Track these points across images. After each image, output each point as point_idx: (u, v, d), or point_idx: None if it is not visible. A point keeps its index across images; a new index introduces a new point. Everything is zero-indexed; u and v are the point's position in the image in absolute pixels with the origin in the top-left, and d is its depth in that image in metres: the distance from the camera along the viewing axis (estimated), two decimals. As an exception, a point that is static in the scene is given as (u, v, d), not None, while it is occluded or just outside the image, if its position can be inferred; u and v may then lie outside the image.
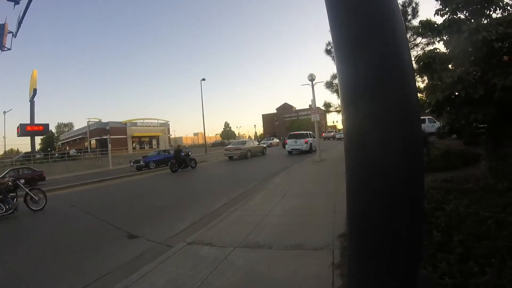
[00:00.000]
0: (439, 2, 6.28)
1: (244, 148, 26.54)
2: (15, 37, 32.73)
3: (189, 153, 21.61)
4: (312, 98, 18.79)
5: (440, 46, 6.48)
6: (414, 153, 1.37)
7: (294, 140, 27.37)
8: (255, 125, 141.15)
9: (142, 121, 63.91)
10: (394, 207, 1.34)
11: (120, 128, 58.73)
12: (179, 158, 19.85)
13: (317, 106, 19.26)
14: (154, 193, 12.50)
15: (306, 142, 26.47)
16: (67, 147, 68.48)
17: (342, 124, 1.54)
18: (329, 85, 17.99)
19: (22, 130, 38.35)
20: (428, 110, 6.17)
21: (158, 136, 65.83)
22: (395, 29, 1.37)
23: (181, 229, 6.36)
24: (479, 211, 3.98)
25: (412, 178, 1.38)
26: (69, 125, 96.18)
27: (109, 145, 33.14)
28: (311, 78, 18.49)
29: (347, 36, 1.44)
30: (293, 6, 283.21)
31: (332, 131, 47.77)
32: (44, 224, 8.33)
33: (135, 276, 4.03)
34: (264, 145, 33.16)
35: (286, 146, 28.56)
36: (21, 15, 30.31)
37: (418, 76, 11.26)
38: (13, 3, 28.06)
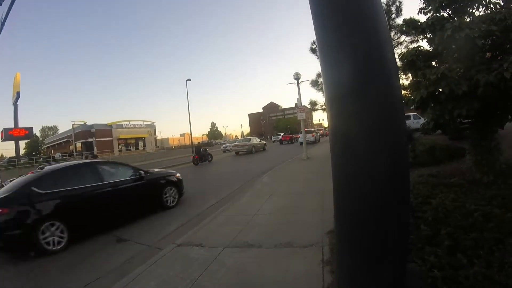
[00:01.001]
0: (423, 1, 6.34)
1: (249, 145, 31.34)
2: (-4, 40, 32.15)
3: (207, 150, 25.26)
4: (298, 96, 18.88)
5: (424, 44, 6.57)
6: (398, 149, 1.38)
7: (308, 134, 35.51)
8: (241, 125, 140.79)
9: (127, 122, 63.24)
10: (380, 202, 1.36)
11: (106, 130, 58.00)
12: (200, 153, 23.03)
13: (303, 104, 19.34)
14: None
15: (313, 136, 36.01)
16: (52, 151, 67.24)
17: (327, 122, 1.55)
18: (314, 83, 18.09)
19: (6, 135, 37.63)
20: (412, 107, 6.23)
21: (144, 137, 65.24)
22: (378, 28, 1.38)
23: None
24: (465, 204, 4.05)
25: (398, 174, 1.39)
26: (54, 129, 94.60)
27: (95, 148, 32.77)
28: (297, 76, 18.56)
29: (331, 35, 1.44)
30: (277, 6, 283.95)
31: (313, 131, 40.17)
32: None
33: (125, 280, 3.99)
34: (265, 142, 38.19)
35: (299, 139, 35.16)
36: (3, 17, 29.74)
37: (402, 73, 11.41)
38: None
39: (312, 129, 42.74)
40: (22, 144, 56.69)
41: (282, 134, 46.90)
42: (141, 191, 7.83)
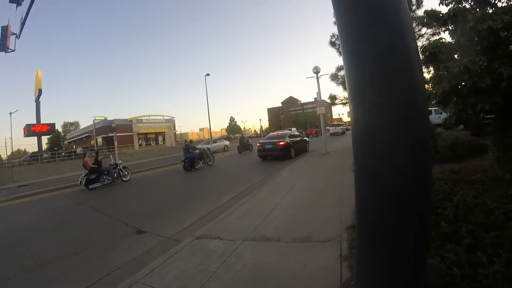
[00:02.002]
0: (444, -8, 6.21)
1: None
2: (18, 38, 32.79)
3: (249, 140, 32.08)
4: (317, 91, 18.75)
5: (446, 36, 6.42)
6: (422, 143, 1.37)
7: (334, 127, 49.64)
8: (260, 119, 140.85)
9: (147, 117, 63.98)
10: (402, 197, 1.35)
11: (126, 126, 58.86)
12: (243, 143, 29.12)
13: (322, 99, 19.19)
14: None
15: (341, 128, 48.49)
16: (74, 146, 68.84)
17: (349, 115, 1.55)
18: (334, 77, 17.86)
19: (29, 131, 38.58)
20: (434, 101, 6.12)
21: (164, 132, 65.93)
22: (400, 17, 1.37)
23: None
24: (486, 202, 3.96)
25: (420, 169, 1.38)
26: (75, 124, 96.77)
27: (115, 143, 33.22)
28: (316, 70, 18.39)
29: (353, 26, 1.43)
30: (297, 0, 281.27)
31: (341, 124, 53.00)
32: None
33: (144, 271, 4.08)
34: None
35: (330, 131, 46.07)
36: (23, 16, 30.43)
37: (424, 66, 11.16)
38: (15, 4, 28.16)
39: (341, 123, 57.16)
40: (44, 139, 58.23)
41: (293, 129, 48.20)
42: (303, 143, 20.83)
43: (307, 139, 22.82)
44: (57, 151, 50.96)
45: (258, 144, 19.36)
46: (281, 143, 17.75)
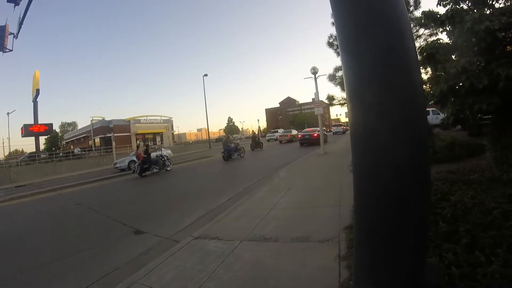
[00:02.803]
0: (441, -7, 6.22)
1: (291, 135, 39.69)
2: (16, 38, 32.55)
3: (259, 138, 36.07)
4: (315, 91, 18.75)
5: (443, 37, 6.44)
6: (420, 143, 1.37)
7: (336, 127, 54.80)
8: (258, 120, 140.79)
9: (145, 118, 63.93)
10: (400, 196, 1.35)
11: (124, 126, 58.78)
12: (255, 142, 31.39)
13: (320, 99, 19.20)
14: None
15: (342, 128, 52.78)
16: (72, 146, 68.71)
17: (347, 115, 1.55)
18: (332, 77, 17.85)
19: (26, 131, 38.39)
20: (432, 102, 6.14)
21: (161, 132, 65.88)
22: (398, 17, 1.37)
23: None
24: (484, 202, 3.97)
25: (419, 169, 1.38)
26: (73, 124, 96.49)
27: (113, 143, 33.17)
28: (314, 71, 18.41)
29: (351, 26, 1.44)
30: (295, 0, 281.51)
31: (342, 125, 61.37)
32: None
33: (143, 271, 4.08)
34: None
35: (333, 130, 51.32)
36: (21, 16, 30.19)
37: (421, 67, 11.18)
38: (13, 4, 28.02)
39: (341, 123, 62.56)
40: (42, 139, 57.98)
41: (281, 130, 51.03)
42: (325, 136, 23.57)
43: (326, 134, 32.27)
44: (54, 151, 50.81)
45: (299, 136, 28.88)
46: (314, 134, 26.79)
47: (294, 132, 43.11)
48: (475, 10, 5.56)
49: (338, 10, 1.49)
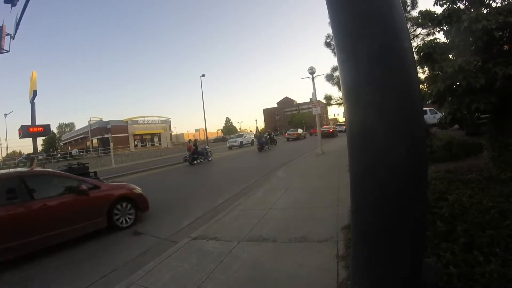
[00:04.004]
0: (438, -8, 6.23)
1: (298, 134, 46.20)
2: (13, 39, 32.37)
3: (272, 135, 37.89)
4: (312, 91, 18.77)
5: (440, 36, 6.44)
6: (417, 142, 1.37)
7: (339, 126, 51.24)
8: (256, 120, 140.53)
9: (143, 118, 63.85)
10: (397, 195, 1.35)
11: (122, 127, 58.67)
12: (265, 140, 32.54)
13: (318, 99, 19.22)
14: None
15: (344, 128, 52.68)
16: (69, 147, 68.66)
17: (344, 115, 1.55)
18: (329, 77, 17.85)
19: (24, 132, 38.22)
20: (429, 101, 6.15)
21: (159, 133, 65.80)
22: (395, 17, 1.37)
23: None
24: (482, 201, 3.99)
25: (416, 168, 1.38)
26: (71, 125, 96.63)
27: (111, 144, 33.10)
28: (311, 71, 18.42)
29: (347, 25, 1.43)
30: (292, 0, 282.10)
31: (343, 124, 61.11)
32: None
33: (141, 272, 4.07)
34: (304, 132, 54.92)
35: (337, 129, 49.73)
36: (18, 17, 30.06)
37: (418, 67, 11.20)
38: (9, 5, 27.90)
39: (342, 123, 59.58)
40: (40, 141, 57.81)
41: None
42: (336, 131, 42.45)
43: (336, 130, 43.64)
44: (52, 152, 50.73)
45: (321, 130, 28.37)
46: (330, 130, 41.87)
47: (300, 130, 51.27)
48: (472, 10, 5.57)
49: (333, 9, 1.49)
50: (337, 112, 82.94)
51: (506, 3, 5.50)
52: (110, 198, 6.63)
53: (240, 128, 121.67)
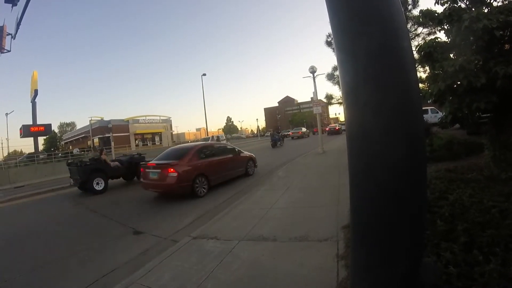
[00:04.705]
0: (439, -9, 6.22)
1: (302, 132, 48.35)
2: (14, 39, 32.43)
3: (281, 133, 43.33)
4: (313, 90, 18.75)
5: (441, 36, 6.43)
6: (415, 142, 1.37)
7: (343, 125, 53.73)
8: (257, 119, 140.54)
9: (144, 118, 63.89)
10: (396, 195, 1.35)
11: (123, 126, 58.71)
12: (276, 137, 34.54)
13: (319, 98, 19.21)
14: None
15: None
16: (70, 147, 68.59)
17: (344, 113, 1.55)
18: (330, 77, 17.91)
19: (25, 131, 38.22)
20: (430, 100, 6.14)
21: (160, 132, 65.84)
22: (393, 17, 1.37)
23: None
24: (482, 200, 3.98)
25: (415, 167, 1.37)
26: (72, 125, 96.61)
27: (112, 143, 33.14)
28: (312, 70, 18.42)
29: (346, 23, 1.43)
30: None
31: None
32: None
33: (141, 271, 4.07)
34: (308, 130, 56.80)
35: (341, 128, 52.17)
36: (19, 17, 30.10)
37: (419, 66, 11.19)
38: (10, 5, 27.90)
39: (344, 123, 74.05)
40: (41, 140, 57.82)
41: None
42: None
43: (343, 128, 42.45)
44: (53, 151, 50.75)
45: (327, 129, 39.50)
46: (337, 128, 46.86)
47: (304, 129, 53.69)
48: (473, 9, 5.57)
49: (333, 8, 1.48)
50: (338, 111, 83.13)
51: (507, 2, 5.48)
52: (246, 158, 12.66)
53: (241, 128, 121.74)
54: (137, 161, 14.05)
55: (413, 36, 13.53)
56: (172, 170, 8.79)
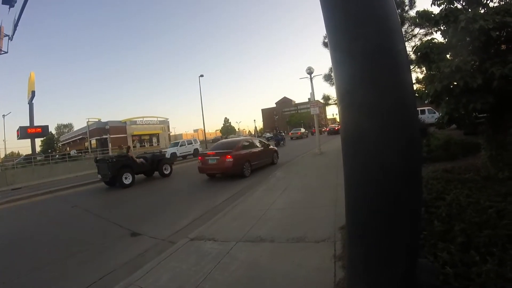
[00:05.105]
0: (436, -8, 6.24)
1: (301, 133, 52.06)
2: (11, 40, 32.32)
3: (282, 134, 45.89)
4: (311, 91, 18.76)
5: (438, 36, 6.45)
6: (410, 143, 1.37)
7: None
8: (254, 120, 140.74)
9: (141, 119, 63.67)
10: (391, 196, 1.35)
11: (120, 127, 58.50)
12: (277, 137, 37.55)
13: (316, 99, 19.23)
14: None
15: None
16: (68, 148, 68.36)
17: (339, 115, 1.55)
18: (327, 77, 17.93)
19: (22, 133, 38.13)
20: (427, 101, 6.15)
21: (158, 133, 65.62)
22: (388, 18, 1.37)
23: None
24: (479, 200, 3.99)
25: (410, 168, 1.38)
26: (69, 126, 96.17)
27: (110, 145, 33.11)
28: (310, 71, 18.42)
29: (341, 24, 1.43)
30: (290, 0, 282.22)
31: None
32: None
33: (139, 273, 4.06)
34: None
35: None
36: (16, 18, 30.05)
37: (416, 66, 11.24)
38: (7, 6, 27.82)
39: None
40: (38, 141, 57.68)
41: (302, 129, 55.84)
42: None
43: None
44: (51, 153, 50.56)
45: (327, 129, 43.61)
46: (336, 128, 47.00)
47: (303, 130, 56.70)
48: (470, 10, 5.58)
49: (327, 10, 1.49)
50: (335, 112, 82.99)
51: (503, 3, 5.51)
52: (273, 151, 15.94)
53: (238, 129, 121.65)
54: (159, 158, 16.19)
55: (409, 37, 13.58)
56: (229, 156, 12.06)
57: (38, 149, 53.25)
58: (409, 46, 11.90)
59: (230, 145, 13.47)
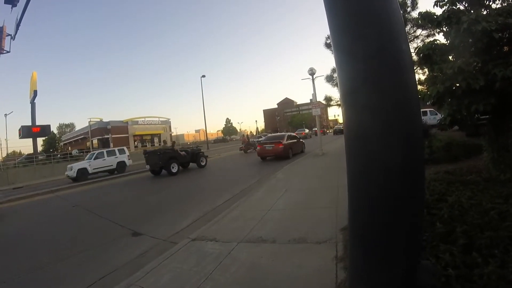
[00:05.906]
0: (438, -7, 6.23)
1: (305, 133, 50.92)
2: (13, 40, 32.47)
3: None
4: (312, 92, 18.76)
5: (440, 38, 6.44)
6: (413, 144, 1.37)
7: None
8: (256, 121, 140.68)
9: (143, 119, 63.69)
10: (394, 197, 1.35)
11: (122, 127, 58.54)
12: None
13: (318, 100, 19.22)
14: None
15: None
16: (69, 148, 68.41)
17: (342, 116, 1.54)
18: (329, 78, 17.96)
19: (24, 132, 38.16)
20: (429, 102, 6.14)
21: (159, 134, 65.60)
22: (392, 19, 1.37)
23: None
24: (481, 202, 3.98)
25: (412, 169, 1.37)
26: (71, 126, 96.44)
27: (111, 144, 33.17)
28: (312, 72, 18.40)
29: (344, 25, 1.43)
30: (292, 0, 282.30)
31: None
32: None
33: (140, 273, 4.06)
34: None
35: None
36: (19, 17, 30.11)
37: (418, 68, 11.24)
38: (10, 5, 27.89)
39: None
40: (40, 141, 57.66)
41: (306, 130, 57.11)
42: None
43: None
44: (52, 152, 50.59)
45: (331, 130, 52.10)
46: (342, 127, 46.51)
47: (307, 130, 59.74)
48: (472, 11, 5.57)
49: (331, 10, 1.48)
50: (337, 113, 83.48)
51: (505, 4, 5.50)
52: (302, 143, 21.98)
53: (240, 129, 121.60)
54: (197, 152, 19.64)
55: (412, 38, 13.57)
56: (281, 145, 17.89)
57: (40, 148, 53.31)
58: (411, 48, 11.86)
59: (279, 137, 19.36)
